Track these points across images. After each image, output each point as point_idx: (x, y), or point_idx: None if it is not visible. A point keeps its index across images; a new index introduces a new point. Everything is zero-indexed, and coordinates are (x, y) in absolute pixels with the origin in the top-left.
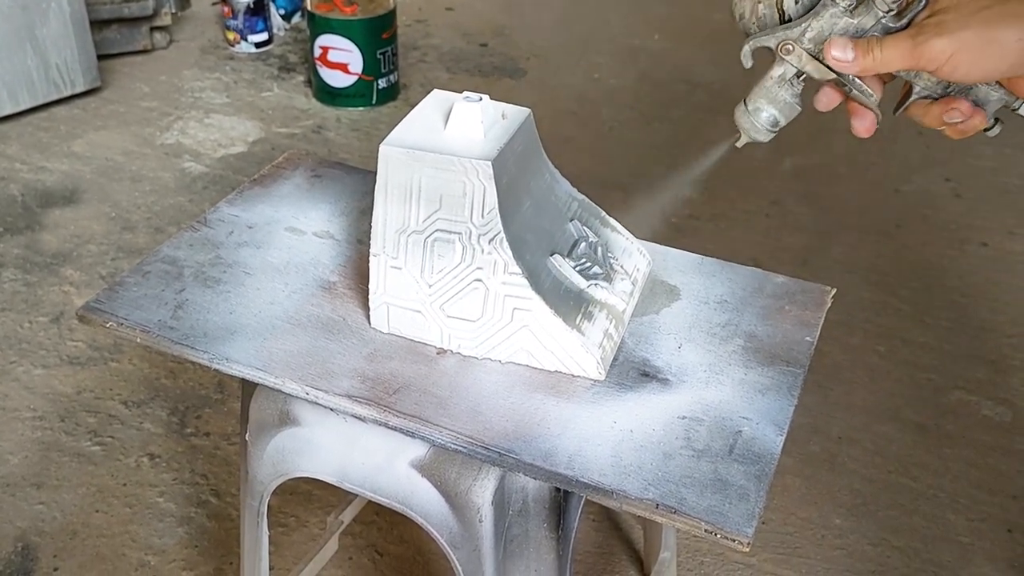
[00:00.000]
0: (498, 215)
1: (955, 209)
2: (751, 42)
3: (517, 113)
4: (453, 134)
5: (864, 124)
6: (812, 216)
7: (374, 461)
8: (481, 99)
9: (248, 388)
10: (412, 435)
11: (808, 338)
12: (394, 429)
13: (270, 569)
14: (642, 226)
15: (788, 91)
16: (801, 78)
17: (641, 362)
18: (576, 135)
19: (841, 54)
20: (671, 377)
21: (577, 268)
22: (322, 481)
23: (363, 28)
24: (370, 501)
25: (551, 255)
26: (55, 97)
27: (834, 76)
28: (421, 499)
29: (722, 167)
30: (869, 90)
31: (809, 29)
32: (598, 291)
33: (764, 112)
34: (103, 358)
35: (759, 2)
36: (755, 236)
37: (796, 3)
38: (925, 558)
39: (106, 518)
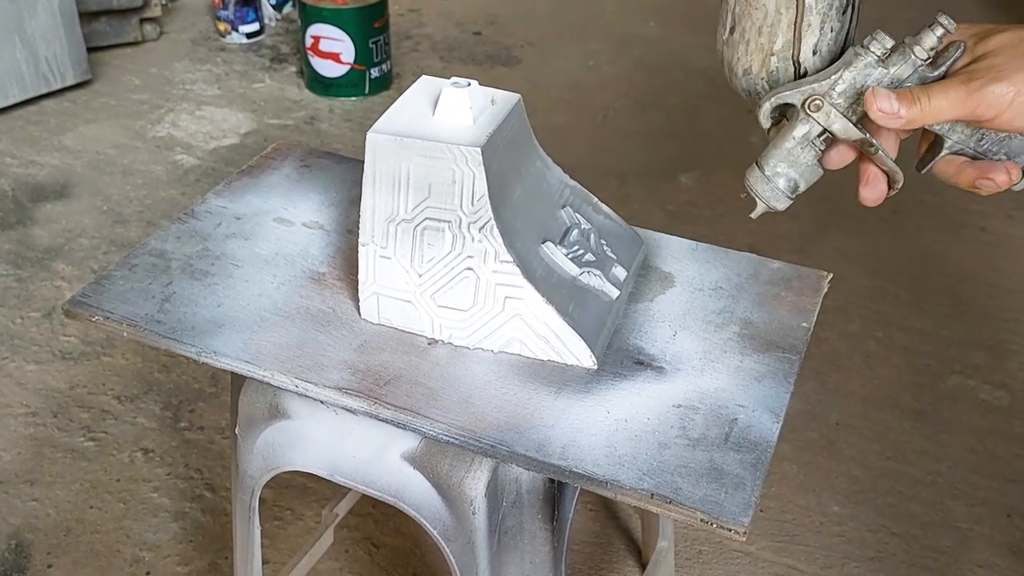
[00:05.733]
0: (488, 202)
1: (953, 194)
2: (772, 99)
3: (507, 99)
4: (441, 120)
5: (875, 193)
6: (809, 203)
7: (365, 454)
8: (470, 84)
9: (238, 381)
10: (403, 427)
11: (804, 324)
12: (385, 421)
13: (265, 563)
14: None
15: (811, 152)
16: (822, 138)
17: (635, 350)
18: (570, 123)
19: (888, 105)
20: (666, 365)
21: (569, 255)
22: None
23: (355, 17)
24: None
25: (543, 243)
26: (45, 90)
27: (860, 136)
28: (413, 491)
29: (719, 155)
30: (889, 151)
31: (840, 82)
32: (591, 278)
33: (783, 177)
34: (95, 353)
35: (771, 54)
36: (752, 223)
37: (814, 54)
38: (924, 544)
39: (100, 514)
